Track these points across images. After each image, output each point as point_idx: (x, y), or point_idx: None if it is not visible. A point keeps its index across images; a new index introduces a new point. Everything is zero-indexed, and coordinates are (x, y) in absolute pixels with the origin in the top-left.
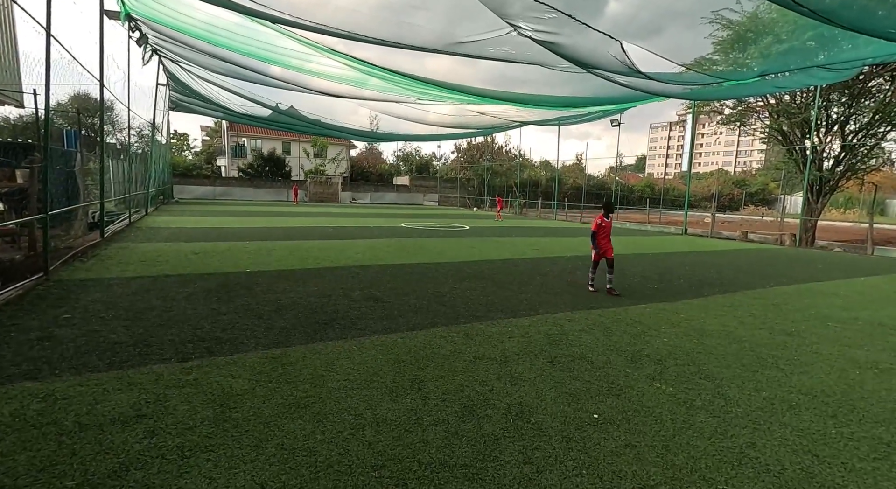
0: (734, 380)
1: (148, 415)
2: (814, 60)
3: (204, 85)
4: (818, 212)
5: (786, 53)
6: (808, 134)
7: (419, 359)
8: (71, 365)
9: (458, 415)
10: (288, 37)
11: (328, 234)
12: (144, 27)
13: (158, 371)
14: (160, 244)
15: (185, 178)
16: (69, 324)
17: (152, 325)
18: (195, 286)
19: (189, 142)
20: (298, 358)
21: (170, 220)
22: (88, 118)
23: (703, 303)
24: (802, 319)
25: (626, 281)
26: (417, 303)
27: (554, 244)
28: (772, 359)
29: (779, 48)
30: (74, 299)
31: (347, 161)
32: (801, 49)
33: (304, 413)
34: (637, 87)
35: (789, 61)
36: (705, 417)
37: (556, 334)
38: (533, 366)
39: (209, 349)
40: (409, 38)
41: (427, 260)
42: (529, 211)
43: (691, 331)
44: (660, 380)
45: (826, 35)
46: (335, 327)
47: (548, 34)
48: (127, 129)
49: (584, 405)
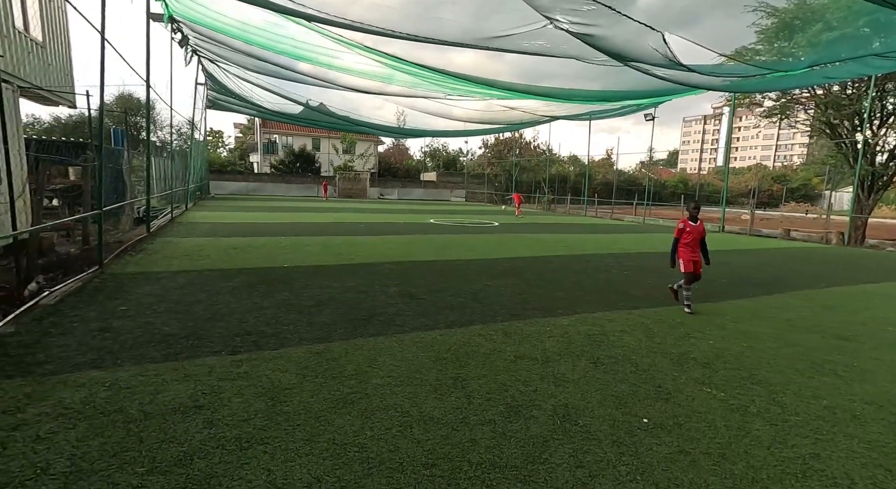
0: (789, 387)
1: (205, 406)
2: (868, 48)
3: (239, 83)
4: (869, 209)
5: (837, 41)
6: (859, 127)
7: (460, 357)
8: (131, 355)
9: (504, 415)
10: (319, 33)
11: (359, 230)
12: (185, 28)
13: (210, 363)
14: (200, 239)
15: (219, 174)
16: (125, 315)
17: (201, 318)
18: (237, 281)
19: (223, 139)
20: (341, 353)
21: (207, 215)
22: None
23: (749, 304)
24: (858, 323)
25: (664, 279)
26: (453, 300)
27: (585, 241)
28: (828, 364)
29: (829, 36)
30: (128, 292)
31: (375, 157)
32: (855, 36)
33: (351, 408)
34: (676, 80)
35: (840, 50)
36: (762, 425)
37: (596, 334)
38: (575, 367)
39: (256, 343)
40: (441, 34)
41: (459, 257)
42: (558, 207)
43: (738, 334)
44: (709, 385)
45: (882, 21)
46: (374, 323)
47: (585, 27)
48: (169, 127)
49: (632, 409)
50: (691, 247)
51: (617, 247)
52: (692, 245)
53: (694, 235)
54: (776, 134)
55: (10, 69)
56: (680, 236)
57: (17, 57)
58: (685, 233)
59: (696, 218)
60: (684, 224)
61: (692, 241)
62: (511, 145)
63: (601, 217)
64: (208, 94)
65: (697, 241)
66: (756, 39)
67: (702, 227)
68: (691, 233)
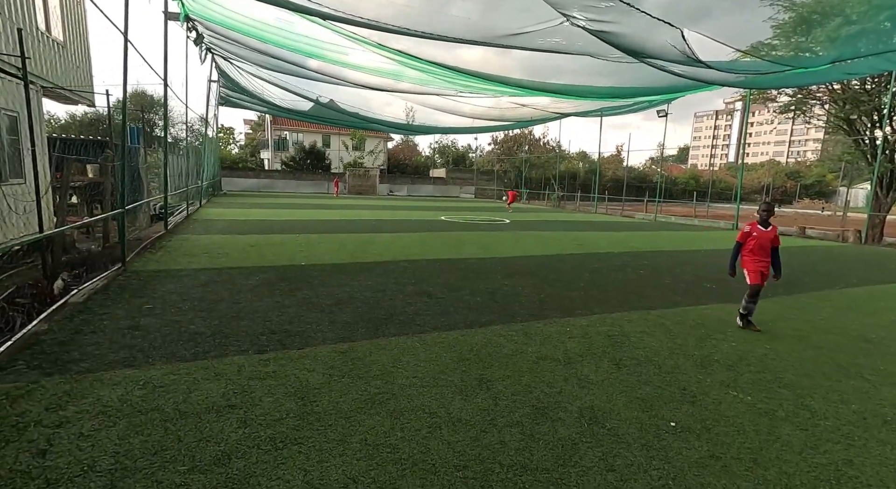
0: (816, 390)
1: (238, 405)
2: (889, 44)
3: (251, 80)
4: (888, 207)
5: (857, 36)
6: (878, 123)
7: (482, 358)
8: (161, 354)
9: (531, 417)
10: (331, 30)
11: (372, 227)
12: (200, 27)
13: (239, 362)
14: (217, 236)
15: (231, 170)
16: (152, 313)
17: (226, 317)
18: (257, 279)
19: (234, 136)
20: (365, 353)
21: (222, 211)
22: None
23: (768, 305)
24: (881, 325)
25: (680, 279)
26: (471, 299)
27: (598, 239)
28: (854, 368)
29: (849, 30)
30: (152, 290)
31: (384, 153)
32: (875, 31)
33: (380, 409)
34: (691, 76)
35: (860, 45)
36: (791, 430)
37: (616, 335)
38: (598, 368)
39: (281, 342)
40: (453, 31)
41: (473, 255)
42: (567, 204)
43: (760, 336)
44: (735, 388)
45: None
46: (395, 323)
47: (602, 23)
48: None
49: (659, 412)
50: (758, 256)
51: (630, 245)
52: (759, 253)
53: (762, 242)
54: (790, 129)
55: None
56: (744, 241)
57: (39, 57)
58: (751, 238)
59: (766, 222)
60: (751, 227)
61: (759, 249)
62: (520, 141)
63: (611, 214)
64: (221, 91)
65: (766, 249)
66: (772, 34)
67: (773, 233)
68: (759, 238)
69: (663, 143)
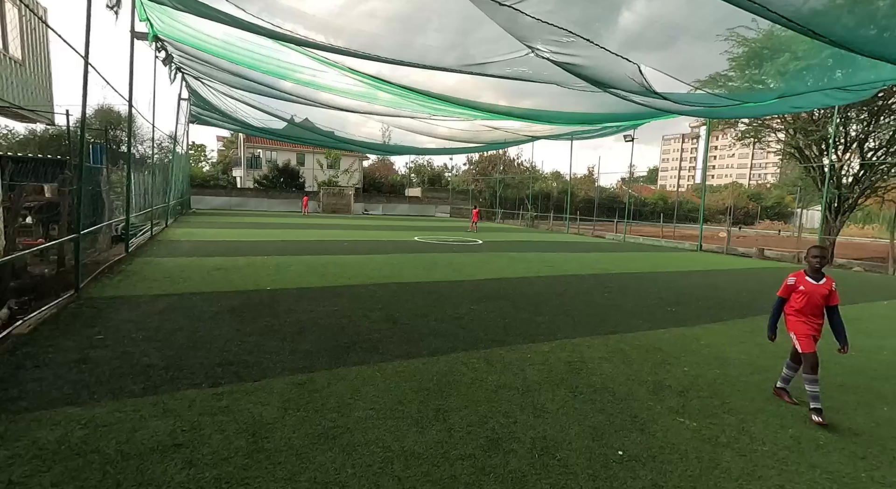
0: (758, 415)
1: (184, 444)
2: (832, 79)
3: (224, 99)
4: (837, 230)
5: (803, 71)
6: (826, 151)
7: (442, 387)
8: (108, 389)
9: (485, 448)
10: (304, 55)
11: (344, 248)
12: (170, 47)
13: (191, 396)
14: (182, 259)
15: (202, 188)
16: (103, 345)
17: (182, 347)
18: (219, 305)
19: (206, 153)
20: (324, 384)
21: (189, 231)
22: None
23: (723, 328)
24: (825, 348)
25: (643, 302)
26: (437, 325)
27: (568, 261)
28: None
29: (796, 65)
30: (106, 318)
31: (360, 172)
32: (820, 66)
33: (333, 444)
34: (653, 106)
35: (807, 79)
36: (731, 456)
37: (576, 362)
38: (555, 396)
39: (237, 373)
40: (425, 59)
41: (443, 278)
42: (541, 223)
43: (712, 360)
44: (683, 414)
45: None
46: (357, 351)
47: (565, 56)
48: (151, 142)
49: (609, 441)
50: (808, 315)
51: (598, 267)
52: (810, 311)
53: (813, 298)
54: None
55: None
56: (788, 296)
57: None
58: (798, 292)
59: (818, 272)
60: (798, 279)
61: (810, 306)
62: (495, 162)
63: (583, 233)
64: (192, 109)
65: (819, 308)
66: (728, 66)
67: (828, 287)
68: (809, 294)
69: (631, 165)
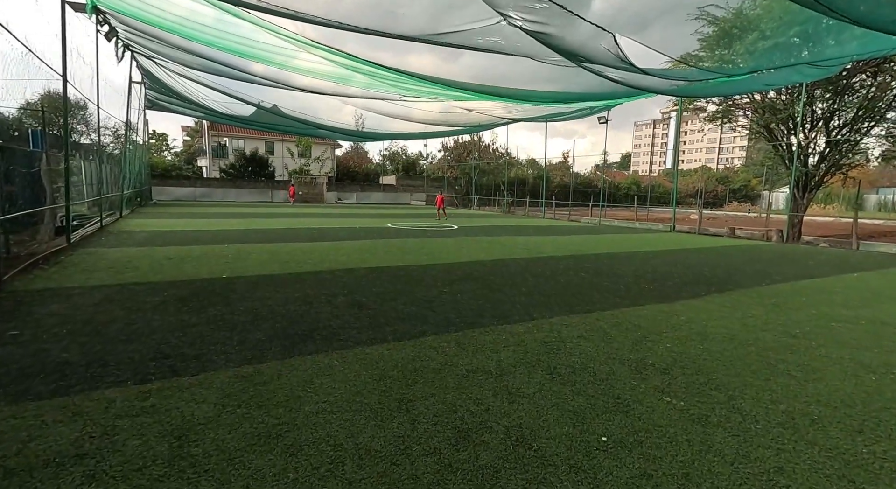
0: (747, 390)
1: (90, 453)
2: (798, 57)
3: (182, 81)
4: (804, 207)
5: (771, 50)
6: (793, 130)
7: (407, 375)
8: (8, 392)
9: (452, 441)
10: (268, 31)
11: (312, 236)
12: (114, 20)
13: (111, 396)
14: (132, 249)
15: (164, 179)
16: (15, 341)
17: (112, 341)
18: (165, 295)
19: (168, 142)
20: (273, 376)
21: (145, 222)
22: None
23: (701, 303)
24: (805, 320)
25: (619, 281)
26: (405, 309)
27: (544, 243)
28: (782, 364)
29: (764, 44)
30: (26, 312)
31: (332, 160)
32: (787, 45)
33: (275, 444)
34: (627, 83)
35: (774, 58)
36: (724, 437)
37: (553, 342)
38: (531, 379)
39: (172, 368)
40: (392, 27)
41: (415, 262)
42: (518, 209)
43: (693, 335)
44: (669, 393)
45: (810, 31)
46: (315, 339)
47: (538, 24)
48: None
49: (591, 426)
50: None
51: (574, 249)
52: None
53: None
54: (719, 137)
55: None
56: None
57: None
58: None
59: None
60: None
61: None
62: (470, 148)
63: (559, 218)
64: (147, 94)
65: None
66: (699, 46)
67: None
68: None
69: (605, 149)
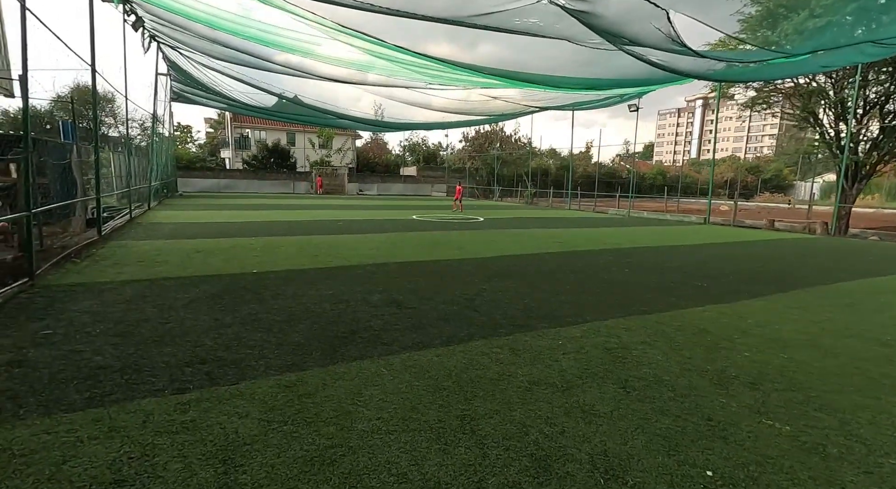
0: (859, 412)
1: (129, 479)
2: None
3: (207, 73)
4: (853, 198)
5: (823, 29)
6: (842, 116)
7: (463, 386)
8: (41, 401)
9: (531, 473)
10: (294, 16)
11: (338, 228)
12: (140, 10)
13: (147, 408)
14: (161, 241)
15: (189, 170)
16: (48, 342)
17: (145, 342)
18: (197, 291)
19: (193, 134)
20: (318, 386)
21: (172, 214)
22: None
23: (766, 304)
24: (892, 324)
25: (667, 277)
26: (446, 308)
27: (577, 236)
28: (887, 379)
29: (815, 23)
30: (59, 309)
31: (353, 151)
32: (840, 24)
33: (330, 472)
34: (668, 66)
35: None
36: (854, 474)
37: (615, 348)
38: (603, 394)
39: (210, 374)
40: (423, 8)
41: (447, 256)
42: (540, 200)
43: (770, 342)
44: (766, 415)
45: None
46: (357, 342)
47: (582, 3)
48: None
49: (688, 455)
50: None
51: (609, 242)
52: None
53: None
54: (747, 125)
55: None
56: None
57: None
58: None
59: None
60: None
61: None
62: (491, 139)
63: (584, 210)
64: (172, 86)
65: None
66: (740, 28)
67: None
68: None
69: (635, 138)
